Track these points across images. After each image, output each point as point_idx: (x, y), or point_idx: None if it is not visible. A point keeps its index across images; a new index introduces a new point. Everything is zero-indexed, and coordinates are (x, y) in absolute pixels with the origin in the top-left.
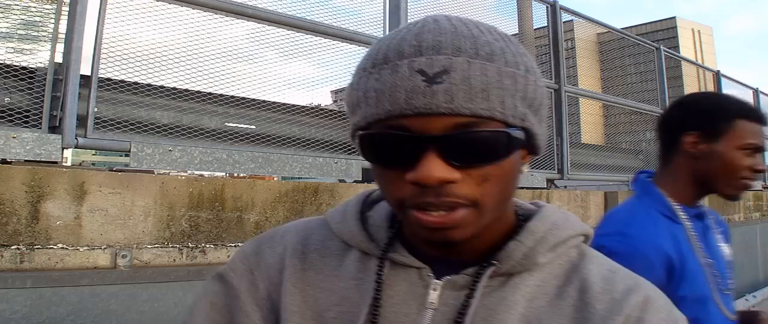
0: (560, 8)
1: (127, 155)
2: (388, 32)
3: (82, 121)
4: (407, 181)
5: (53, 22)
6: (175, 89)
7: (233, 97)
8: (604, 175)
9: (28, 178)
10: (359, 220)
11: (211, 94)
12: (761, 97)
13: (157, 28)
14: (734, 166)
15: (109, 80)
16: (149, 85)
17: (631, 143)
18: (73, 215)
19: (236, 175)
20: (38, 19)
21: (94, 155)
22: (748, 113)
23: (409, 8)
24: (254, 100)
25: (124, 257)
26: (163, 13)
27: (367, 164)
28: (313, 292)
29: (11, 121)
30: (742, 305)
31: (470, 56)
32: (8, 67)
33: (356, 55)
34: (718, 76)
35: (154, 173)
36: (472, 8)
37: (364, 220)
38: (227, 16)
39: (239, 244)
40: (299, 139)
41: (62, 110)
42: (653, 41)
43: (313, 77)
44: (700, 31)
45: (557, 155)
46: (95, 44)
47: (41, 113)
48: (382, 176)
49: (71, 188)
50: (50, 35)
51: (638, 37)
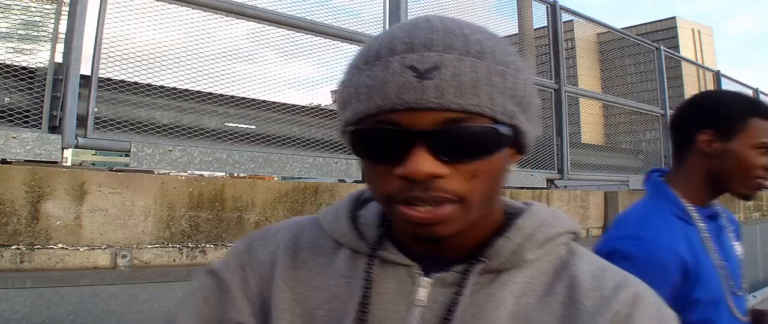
0: (560, 8)
1: (127, 155)
2: None
3: (82, 121)
4: (396, 175)
5: (53, 22)
6: (175, 89)
7: (233, 97)
8: (604, 175)
9: (28, 178)
10: (350, 218)
11: (211, 94)
12: (761, 97)
13: (157, 28)
14: (749, 165)
15: (109, 80)
16: (149, 85)
17: (631, 143)
18: (73, 215)
19: (236, 175)
20: (38, 19)
21: (94, 155)
22: (762, 111)
23: (409, 8)
24: (254, 100)
25: (124, 257)
26: (163, 13)
27: None
28: (303, 289)
29: (11, 121)
30: None
31: (461, 53)
32: (8, 67)
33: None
34: (718, 76)
35: (154, 173)
36: (472, 8)
37: (355, 219)
38: (227, 16)
39: None
40: (299, 139)
41: (62, 110)
42: (653, 41)
43: (313, 77)
44: (700, 31)
45: (557, 155)
46: (95, 44)
47: (41, 113)
48: (371, 171)
49: (71, 188)
50: (50, 35)
51: (638, 37)
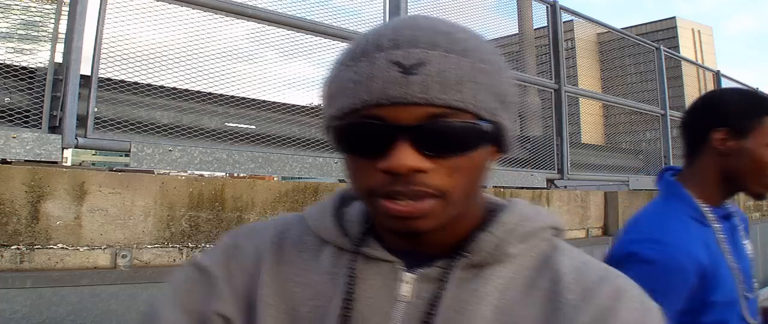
0: (560, 8)
1: (127, 155)
2: None
3: (82, 121)
4: (379, 169)
5: (53, 22)
6: (175, 89)
7: (233, 97)
8: (604, 175)
9: (28, 178)
10: (335, 216)
11: (211, 94)
12: None
13: (157, 28)
14: (764, 163)
15: (109, 80)
16: (149, 85)
17: (631, 143)
18: (73, 215)
19: (236, 175)
20: (38, 19)
21: (94, 155)
22: None
23: (409, 8)
24: (254, 100)
25: (124, 257)
26: (163, 13)
27: None
28: (288, 285)
29: (11, 121)
30: None
31: (445, 51)
32: (8, 67)
33: None
34: (718, 76)
35: (154, 173)
36: (472, 8)
37: (340, 216)
38: (227, 16)
39: None
40: (299, 139)
41: (62, 110)
42: (653, 41)
43: (313, 77)
44: (700, 31)
45: (557, 155)
46: (95, 44)
47: (41, 113)
48: (353, 166)
49: (71, 188)
50: (50, 35)
51: (638, 37)
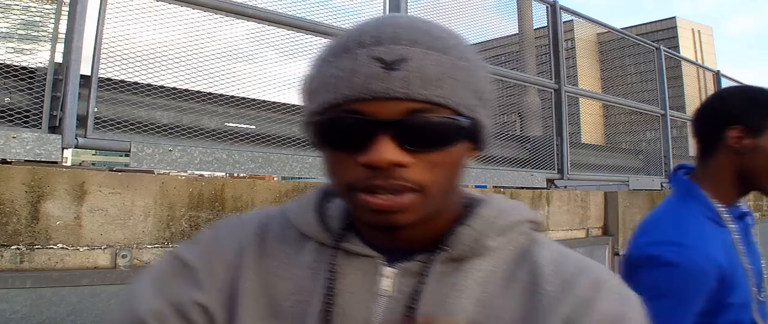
0: (560, 8)
1: (127, 155)
2: None
3: (82, 121)
4: (359, 163)
5: (53, 22)
6: (175, 89)
7: (233, 97)
8: (604, 175)
9: (28, 178)
10: (316, 211)
11: (211, 94)
12: None
13: (157, 28)
14: None
15: (109, 80)
16: (149, 85)
17: (631, 143)
18: (73, 215)
19: (236, 175)
20: (38, 19)
21: (94, 155)
22: None
23: (409, 8)
24: (254, 100)
25: (124, 257)
26: (163, 13)
27: None
28: (271, 279)
29: (11, 121)
30: None
31: (426, 48)
32: (8, 67)
33: None
34: (718, 76)
35: (154, 173)
36: (472, 8)
37: (322, 211)
38: (227, 16)
39: None
40: (299, 139)
41: (62, 110)
42: (653, 41)
43: None
44: (700, 31)
45: (557, 155)
46: (95, 44)
47: (41, 113)
48: (333, 161)
49: (71, 188)
50: (50, 35)
51: (638, 37)
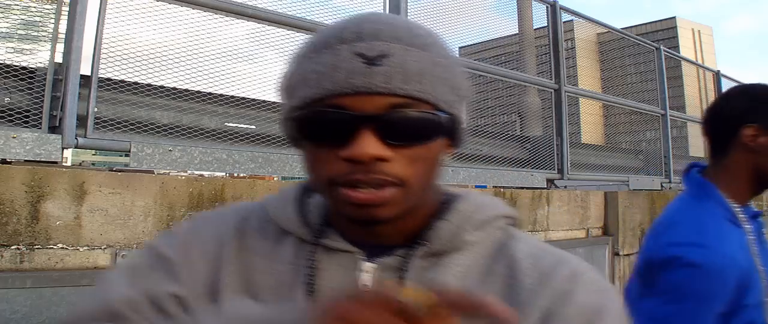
0: (560, 8)
1: (127, 155)
2: None
3: (82, 121)
4: (341, 157)
5: (53, 22)
6: (175, 89)
7: (233, 97)
8: (604, 175)
9: (28, 178)
10: (296, 206)
11: (211, 94)
12: None
13: (157, 28)
14: None
15: (109, 80)
16: (149, 85)
17: (631, 143)
18: (73, 215)
19: (236, 175)
20: (38, 19)
21: (94, 155)
22: None
23: (409, 8)
24: (254, 100)
25: (124, 257)
26: (163, 13)
27: None
28: (251, 273)
29: (11, 121)
30: None
31: (407, 44)
32: (8, 67)
33: None
34: (718, 76)
35: (154, 173)
36: (472, 8)
37: (302, 207)
38: (227, 16)
39: None
40: None
41: (62, 110)
42: (653, 41)
43: None
44: (700, 31)
45: (557, 155)
46: (95, 44)
47: (41, 113)
48: (314, 156)
49: (71, 188)
50: (50, 35)
51: (638, 37)
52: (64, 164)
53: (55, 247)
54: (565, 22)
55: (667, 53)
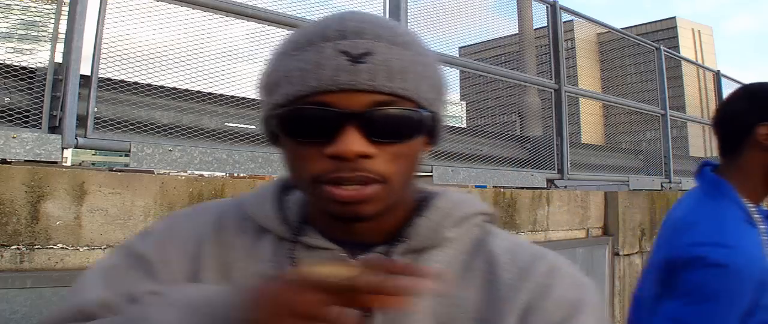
0: (560, 8)
1: (127, 155)
2: None
3: (82, 121)
4: (325, 155)
5: (53, 22)
6: (175, 89)
7: (233, 97)
8: (604, 175)
9: (28, 178)
10: (275, 203)
11: (211, 94)
12: None
13: (157, 28)
14: None
15: (109, 80)
16: (149, 85)
17: (631, 143)
18: (73, 215)
19: (236, 175)
20: (38, 19)
21: (94, 155)
22: None
23: (409, 8)
24: (254, 100)
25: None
26: (163, 13)
27: None
28: (230, 271)
29: (11, 121)
30: None
31: (390, 43)
32: (8, 67)
33: None
34: (718, 76)
35: (154, 173)
36: (472, 8)
37: (280, 204)
38: (227, 16)
39: None
40: None
41: (62, 110)
42: (653, 41)
43: None
44: (700, 31)
45: (557, 155)
46: (95, 44)
47: (41, 113)
48: (297, 154)
49: (71, 188)
50: (50, 35)
51: (638, 37)
52: (64, 164)
53: (55, 247)
54: (565, 22)
55: (667, 53)
